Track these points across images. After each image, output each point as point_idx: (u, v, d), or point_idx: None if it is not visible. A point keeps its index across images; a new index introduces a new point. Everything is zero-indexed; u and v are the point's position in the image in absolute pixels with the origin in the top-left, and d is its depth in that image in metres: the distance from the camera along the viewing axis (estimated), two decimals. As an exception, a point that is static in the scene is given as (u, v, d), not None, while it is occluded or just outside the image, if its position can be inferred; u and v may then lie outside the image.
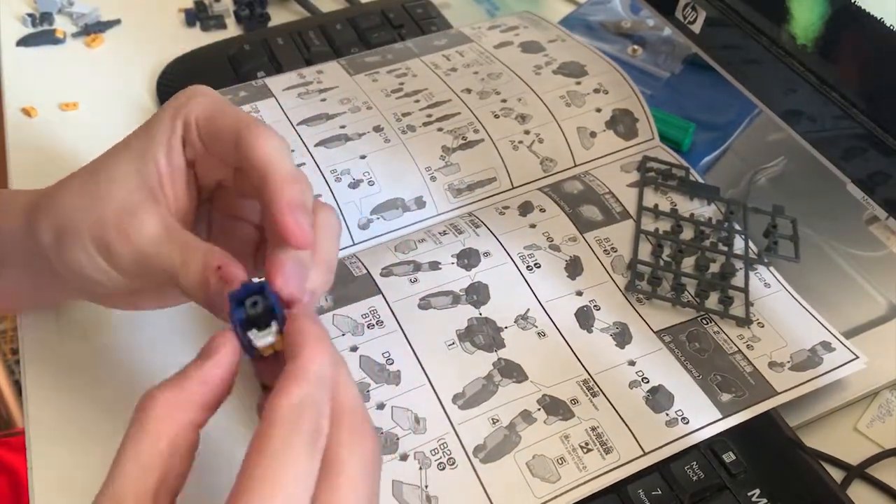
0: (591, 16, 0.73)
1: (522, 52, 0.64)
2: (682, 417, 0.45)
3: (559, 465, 0.42)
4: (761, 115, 0.64)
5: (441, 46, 0.65)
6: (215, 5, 0.74)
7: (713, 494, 0.43)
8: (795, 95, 0.48)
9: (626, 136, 0.59)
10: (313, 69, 0.64)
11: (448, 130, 0.57)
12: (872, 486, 0.47)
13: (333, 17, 0.72)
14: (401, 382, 0.45)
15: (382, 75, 0.62)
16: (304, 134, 0.57)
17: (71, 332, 0.51)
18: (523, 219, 0.54)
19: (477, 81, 0.61)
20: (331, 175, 0.54)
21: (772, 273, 0.52)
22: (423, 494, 0.41)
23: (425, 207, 0.54)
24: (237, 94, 0.61)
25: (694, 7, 0.54)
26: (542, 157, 0.57)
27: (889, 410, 0.49)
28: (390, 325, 0.48)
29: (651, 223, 0.54)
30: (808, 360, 0.47)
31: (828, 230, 0.57)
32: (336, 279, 0.49)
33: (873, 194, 0.45)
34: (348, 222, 0.53)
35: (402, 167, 0.55)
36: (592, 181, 0.56)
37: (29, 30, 0.72)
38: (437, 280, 0.50)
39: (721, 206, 0.55)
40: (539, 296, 0.50)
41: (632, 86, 0.61)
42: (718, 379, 0.46)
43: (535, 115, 0.58)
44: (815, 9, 0.45)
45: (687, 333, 0.49)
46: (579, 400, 0.45)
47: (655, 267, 0.51)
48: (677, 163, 0.57)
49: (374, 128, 0.57)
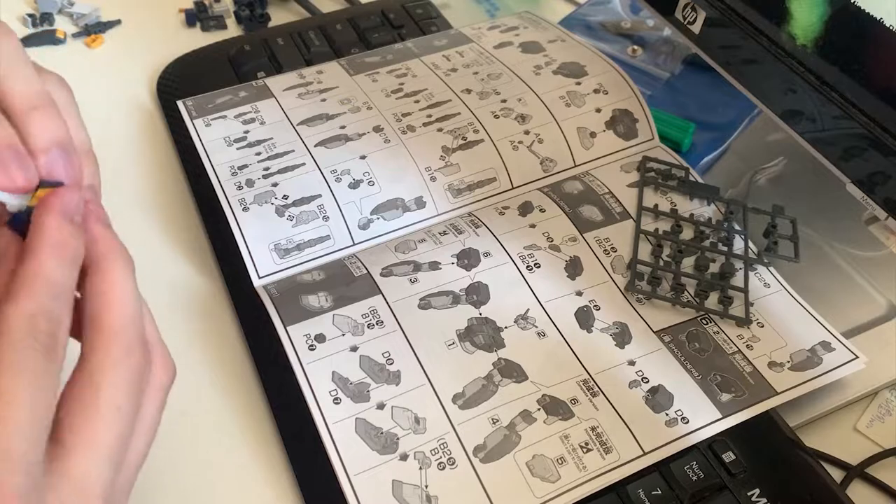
0: (591, 16, 0.73)
1: (522, 52, 0.64)
2: (682, 417, 0.45)
3: (559, 465, 0.42)
4: (761, 115, 0.64)
5: (441, 47, 0.66)
6: (215, 5, 0.74)
7: (713, 494, 0.43)
8: (795, 95, 0.48)
9: (625, 136, 0.59)
10: (313, 69, 0.64)
11: (448, 131, 0.57)
12: (872, 485, 0.47)
13: (333, 17, 0.72)
14: (401, 382, 0.45)
15: (382, 75, 0.62)
16: (305, 134, 0.57)
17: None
18: (523, 219, 0.54)
19: (477, 82, 0.61)
20: (331, 175, 0.54)
21: (771, 273, 0.52)
22: (423, 494, 0.41)
23: (425, 207, 0.54)
24: (237, 94, 0.61)
25: (693, 7, 0.54)
26: (542, 157, 0.57)
27: (889, 410, 0.49)
28: (390, 324, 0.48)
29: (651, 223, 0.54)
30: (808, 360, 0.47)
31: (828, 230, 0.57)
32: (336, 279, 0.50)
33: (873, 194, 0.45)
34: (348, 222, 0.53)
35: (402, 167, 0.55)
36: (592, 181, 0.56)
37: (29, 30, 0.72)
38: (437, 280, 0.50)
39: (721, 206, 0.55)
40: (539, 296, 0.50)
41: (632, 86, 0.61)
42: (718, 379, 0.46)
43: (535, 116, 0.58)
44: (815, 9, 0.45)
45: (687, 333, 0.49)
46: (579, 400, 0.45)
47: (655, 267, 0.51)
48: (677, 163, 0.57)
49: (375, 128, 0.57)
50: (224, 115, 0.59)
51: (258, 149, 0.56)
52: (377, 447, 0.43)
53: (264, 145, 0.56)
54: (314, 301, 0.49)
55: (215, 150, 0.57)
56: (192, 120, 0.59)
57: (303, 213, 0.53)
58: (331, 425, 0.43)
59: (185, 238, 0.56)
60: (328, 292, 0.49)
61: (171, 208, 0.58)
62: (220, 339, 0.51)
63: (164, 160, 0.61)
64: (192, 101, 0.61)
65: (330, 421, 0.44)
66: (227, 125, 0.58)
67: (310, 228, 0.52)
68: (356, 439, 0.43)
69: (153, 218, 0.57)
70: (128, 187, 0.59)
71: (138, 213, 0.58)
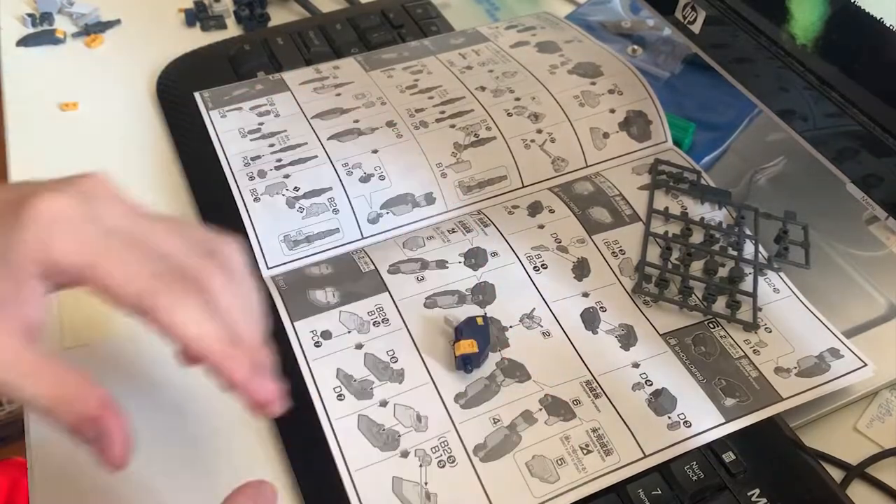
0: (591, 16, 0.73)
1: (539, 51, 0.64)
2: (685, 421, 0.45)
3: (558, 466, 0.43)
4: (761, 114, 0.64)
5: (458, 45, 0.66)
6: (215, 5, 0.74)
7: (713, 494, 0.43)
8: (795, 95, 0.47)
9: (639, 137, 0.59)
10: (330, 64, 0.64)
11: (460, 127, 0.57)
12: (872, 485, 0.47)
13: (333, 17, 0.72)
14: (404, 380, 0.46)
15: (398, 72, 0.62)
16: (318, 127, 0.57)
17: (71, 333, 0.51)
18: (532, 219, 0.54)
19: (491, 79, 0.61)
20: (342, 168, 0.54)
21: (781, 278, 0.52)
22: (423, 491, 0.42)
23: (435, 204, 0.54)
24: (254, 87, 0.62)
25: (693, 7, 0.53)
26: (554, 156, 0.57)
27: (889, 410, 0.49)
28: (396, 323, 0.48)
29: (661, 226, 0.54)
30: (816, 367, 0.47)
31: (828, 230, 0.57)
32: (344, 274, 0.50)
33: (873, 194, 0.45)
34: (358, 216, 0.53)
35: (413, 163, 0.55)
36: (603, 183, 0.56)
37: (29, 30, 0.72)
38: (444, 279, 0.50)
39: (732, 211, 0.55)
40: (545, 296, 0.50)
41: (647, 87, 0.60)
42: (723, 383, 0.46)
43: (549, 115, 0.58)
44: (815, 9, 0.45)
45: (693, 337, 0.48)
46: (581, 401, 0.45)
47: (663, 269, 0.51)
48: (689, 166, 0.57)
49: (387, 123, 0.58)
50: (239, 106, 0.60)
51: (271, 140, 0.57)
52: (378, 444, 0.43)
53: (278, 137, 0.57)
54: (321, 296, 0.49)
55: (229, 140, 0.57)
56: (209, 111, 0.59)
57: (313, 205, 0.53)
58: (334, 421, 0.44)
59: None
60: (335, 287, 0.49)
61: (170, 206, 0.58)
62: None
63: (164, 159, 0.61)
64: (209, 93, 0.61)
65: (333, 417, 0.44)
66: (243, 116, 0.59)
67: (319, 221, 0.53)
68: (358, 436, 0.43)
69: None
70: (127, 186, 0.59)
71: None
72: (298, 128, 0.58)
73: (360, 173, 0.54)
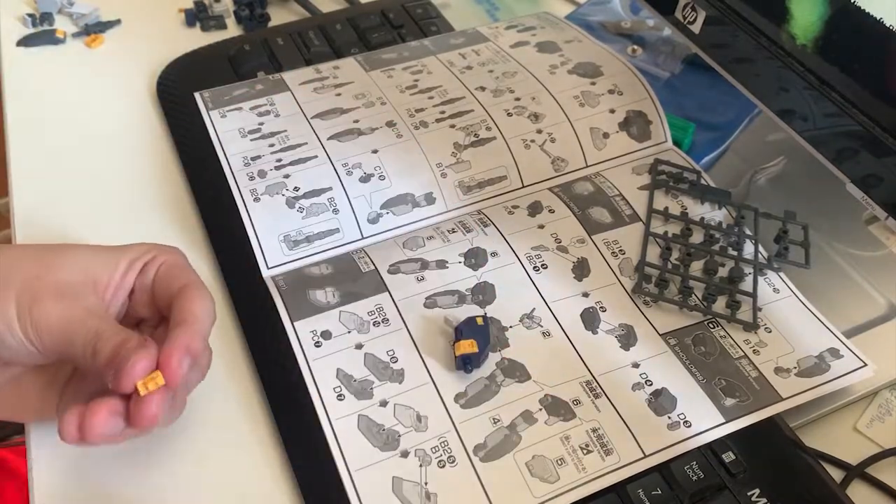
0: (591, 16, 0.73)
1: (539, 51, 0.64)
2: (685, 421, 0.45)
3: (558, 466, 0.43)
4: (761, 114, 0.64)
5: (458, 45, 0.66)
6: (215, 5, 0.74)
7: (713, 494, 0.43)
8: (795, 95, 0.47)
9: (639, 137, 0.59)
10: (330, 64, 0.64)
11: (460, 127, 0.57)
12: (872, 485, 0.47)
13: (333, 17, 0.72)
14: (404, 380, 0.46)
15: (398, 72, 0.62)
16: (318, 127, 0.57)
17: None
18: (532, 219, 0.54)
19: (491, 80, 0.61)
20: (342, 168, 0.54)
21: (781, 278, 0.52)
22: (423, 491, 0.42)
23: (435, 204, 0.54)
24: (254, 87, 0.62)
25: (693, 7, 0.53)
26: (554, 156, 0.57)
27: (889, 410, 0.49)
28: (396, 323, 0.48)
29: (660, 226, 0.54)
30: (816, 367, 0.47)
31: (828, 230, 0.57)
32: (344, 275, 0.50)
33: (873, 194, 0.45)
34: (358, 216, 0.53)
35: (413, 163, 0.55)
36: (603, 183, 0.56)
37: (29, 30, 0.72)
38: (444, 279, 0.50)
39: (732, 211, 0.55)
40: (545, 296, 0.50)
41: (647, 88, 0.60)
42: (723, 383, 0.46)
43: (549, 115, 0.58)
44: (815, 9, 0.45)
45: (693, 337, 0.49)
46: (581, 401, 0.45)
47: (663, 269, 0.51)
48: (689, 166, 0.57)
49: (387, 123, 0.58)
50: (240, 106, 0.60)
51: (271, 140, 0.57)
52: (378, 444, 0.43)
53: (278, 137, 0.57)
54: (321, 296, 0.49)
55: (229, 140, 0.57)
56: (209, 111, 0.59)
57: (313, 205, 0.53)
58: (334, 421, 0.44)
59: (183, 235, 0.56)
60: (335, 288, 0.49)
61: (170, 206, 0.58)
62: (219, 334, 0.50)
63: (164, 159, 0.61)
64: (209, 93, 0.61)
65: (333, 417, 0.44)
66: (243, 116, 0.59)
67: (319, 221, 0.53)
68: (358, 435, 0.43)
69: (151, 216, 0.57)
70: (127, 186, 0.59)
71: (137, 211, 0.58)
72: (298, 128, 0.58)
73: (360, 173, 0.54)
